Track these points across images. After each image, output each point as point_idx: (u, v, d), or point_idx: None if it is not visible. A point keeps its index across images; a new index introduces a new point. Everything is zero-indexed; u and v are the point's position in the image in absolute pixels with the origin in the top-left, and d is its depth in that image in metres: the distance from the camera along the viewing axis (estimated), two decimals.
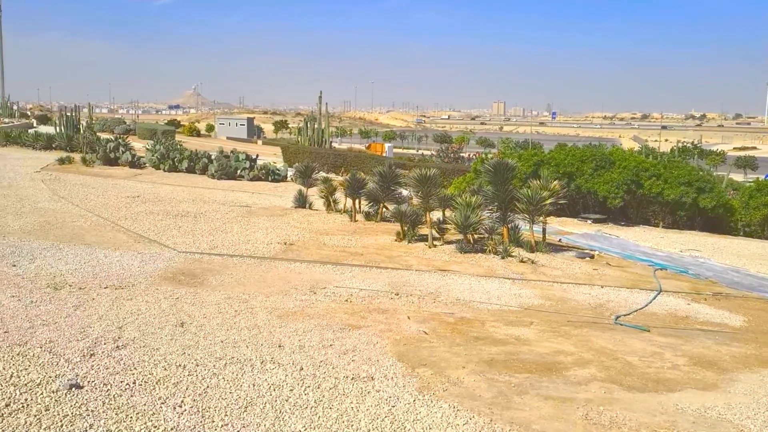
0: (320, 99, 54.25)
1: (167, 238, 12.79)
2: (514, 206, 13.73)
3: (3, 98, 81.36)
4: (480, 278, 11.08)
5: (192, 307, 8.33)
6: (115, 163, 27.93)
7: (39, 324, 7.23)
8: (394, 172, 16.35)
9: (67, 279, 9.29)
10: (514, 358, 7.25)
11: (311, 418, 5.46)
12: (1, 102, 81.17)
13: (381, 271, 11.25)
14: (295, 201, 18.34)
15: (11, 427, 4.87)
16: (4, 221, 13.40)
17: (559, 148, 25.06)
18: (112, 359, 6.39)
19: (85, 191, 19.17)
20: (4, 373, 5.82)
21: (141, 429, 5.04)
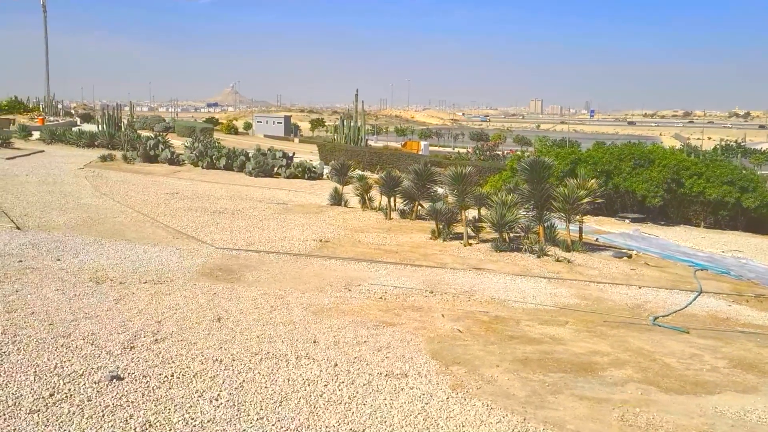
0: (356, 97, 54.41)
1: (205, 235, 12.97)
2: (550, 205, 13.65)
3: (48, 97, 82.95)
4: (515, 277, 11.05)
5: (229, 303, 8.45)
6: (155, 161, 28.35)
7: (82, 317, 7.40)
8: (429, 170, 16.36)
9: (109, 273, 9.48)
10: (549, 358, 7.23)
11: (345, 414, 5.51)
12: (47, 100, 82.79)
13: (415, 268, 11.28)
14: (330, 198, 18.45)
15: (55, 416, 5.00)
16: (49, 217, 13.71)
17: (597, 146, 24.84)
18: (151, 352, 6.51)
19: (126, 188, 19.50)
20: (49, 363, 5.98)
21: (179, 421, 5.14)
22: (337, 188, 18.82)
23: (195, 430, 5.03)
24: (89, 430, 4.87)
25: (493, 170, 32.18)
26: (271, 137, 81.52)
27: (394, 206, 16.79)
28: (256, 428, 5.14)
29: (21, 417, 4.95)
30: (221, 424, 5.16)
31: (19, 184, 18.13)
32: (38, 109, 79.14)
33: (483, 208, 15.00)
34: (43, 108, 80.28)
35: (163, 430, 4.98)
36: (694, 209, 22.26)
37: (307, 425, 5.25)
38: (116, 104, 50.80)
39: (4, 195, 15.92)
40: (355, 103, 54.41)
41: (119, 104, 52.78)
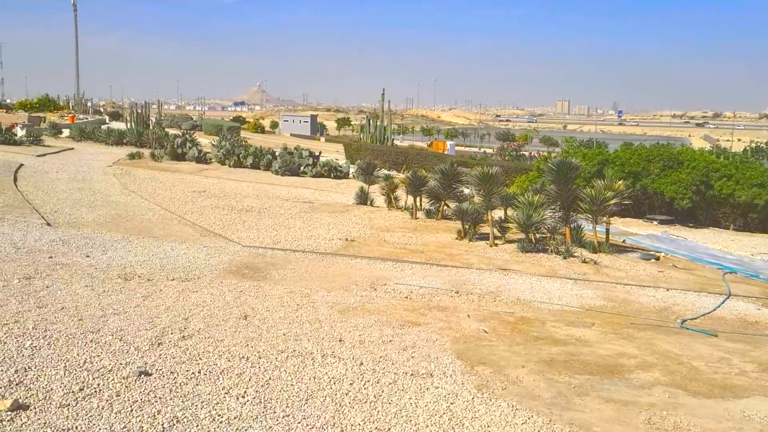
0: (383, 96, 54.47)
1: (232, 233, 13.06)
2: (577, 206, 13.56)
3: (78, 95, 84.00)
4: (541, 278, 10.99)
5: (255, 301, 8.50)
6: (182, 159, 28.60)
7: (110, 313, 7.49)
8: (455, 169, 16.32)
9: (137, 270, 9.59)
10: (575, 359, 7.19)
11: (370, 413, 5.52)
12: (76, 99, 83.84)
13: (441, 268, 11.27)
14: (356, 198, 18.49)
15: (85, 411, 5.08)
16: (78, 213, 13.89)
17: (624, 147, 24.66)
18: (179, 349, 6.58)
19: (154, 185, 19.70)
20: (78, 358, 6.06)
21: (205, 417, 5.18)
22: (363, 187, 18.85)
23: (222, 426, 5.07)
24: (118, 424, 4.93)
25: (519, 170, 32.04)
26: (298, 136, 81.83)
27: (420, 206, 16.78)
28: (282, 425, 5.17)
29: (51, 411, 5.02)
30: (247, 420, 5.19)
31: (49, 181, 18.39)
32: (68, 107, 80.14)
33: (509, 209, 14.94)
34: (72, 106, 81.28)
35: (190, 425, 5.03)
36: (723, 211, 21.99)
37: (332, 423, 5.27)
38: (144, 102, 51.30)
39: (35, 192, 16.16)
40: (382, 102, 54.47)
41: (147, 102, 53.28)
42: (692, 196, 20.98)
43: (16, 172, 19.34)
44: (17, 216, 12.74)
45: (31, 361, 5.90)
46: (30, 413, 4.94)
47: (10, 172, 18.83)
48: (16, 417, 4.86)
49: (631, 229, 18.36)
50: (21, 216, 12.79)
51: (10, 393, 5.21)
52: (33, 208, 13.80)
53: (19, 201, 14.50)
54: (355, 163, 29.30)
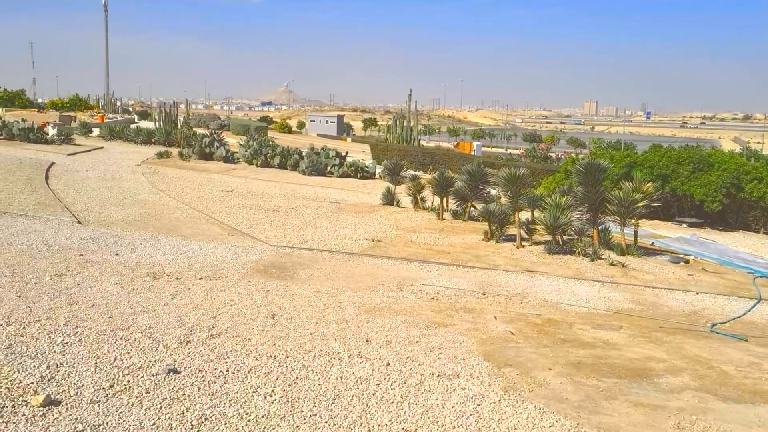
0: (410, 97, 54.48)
1: (259, 232, 13.14)
2: (604, 208, 13.46)
3: (107, 94, 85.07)
4: (568, 280, 10.92)
5: (282, 300, 8.54)
6: (210, 158, 28.82)
7: (140, 311, 7.57)
8: (482, 170, 16.28)
9: (165, 269, 9.68)
10: (603, 362, 7.13)
11: (397, 413, 5.53)
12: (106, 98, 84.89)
13: (468, 270, 11.24)
14: (383, 198, 18.50)
15: (115, 407, 5.14)
16: (108, 212, 14.06)
17: (653, 148, 24.40)
18: (207, 347, 6.63)
19: (182, 185, 19.88)
20: (109, 355, 6.14)
21: (233, 415, 5.22)
22: (389, 188, 18.86)
23: (249, 425, 5.10)
24: (147, 421, 4.99)
25: (546, 172, 31.85)
26: (324, 136, 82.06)
27: (446, 207, 16.76)
28: (310, 425, 5.19)
29: (82, 407, 5.09)
30: (275, 419, 5.22)
31: (79, 180, 18.63)
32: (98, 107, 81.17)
33: (536, 210, 14.87)
34: (102, 105, 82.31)
35: (219, 424, 5.07)
36: (753, 214, 21.68)
37: (359, 423, 5.29)
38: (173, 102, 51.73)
39: (66, 190, 16.38)
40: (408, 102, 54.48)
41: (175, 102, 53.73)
42: (722, 199, 20.71)
43: (48, 170, 19.62)
44: (49, 214, 12.92)
45: (63, 357, 5.99)
46: (61, 409, 5.02)
47: (42, 171, 19.11)
48: (48, 412, 4.93)
49: (659, 231, 18.17)
50: (52, 214, 12.98)
51: (42, 389, 5.29)
52: (64, 206, 13.99)
53: (50, 199, 14.71)
54: (381, 163, 29.32)
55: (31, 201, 14.06)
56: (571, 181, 18.67)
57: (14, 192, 14.89)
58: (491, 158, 51.49)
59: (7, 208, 12.98)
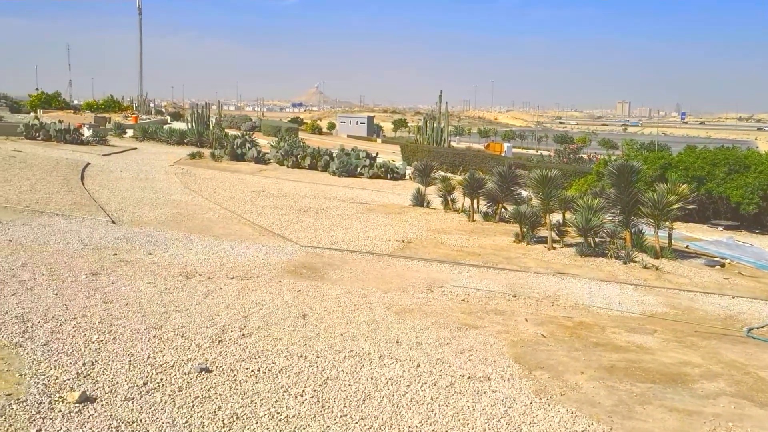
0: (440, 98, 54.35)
1: (290, 233, 13.21)
2: (638, 210, 13.30)
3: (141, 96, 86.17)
4: (600, 283, 10.81)
5: (313, 300, 8.57)
6: (242, 159, 29.04)
7: (172, 310, 7.65)
8: (513, 172, 16.19)
9: (197, 268, 9.77)
10: (636, 367, 7.04)
11: (427, 415, 5.51)
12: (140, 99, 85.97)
13: (498, 271, 11.18)
14: (413, 199, 18.48)
15: (148, 404, 5.20)
16: (141, 212, 14.24)
17: (688, 150, 24.07)
18: (238, 347, 6.68)
19: (214, 185, 20.06)
20: (142, 353, 6.21)
21: (264, 414, 5.25)
22: (419, 189, 18.84)
23: (280, 424, 5.13)
24: (180, 419, 5.03)
25: (577, 173, 31.58)
26: (354, 137, 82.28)
27: (477, 208, 16.70)
28: (340, 425, 5.20)
29: (117, 404, 5.16)
30: (305, 419, 5.24)
31: (114, 180, 18.88)
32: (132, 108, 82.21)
33: (567, 212, 14.74)
34: (136, 107, 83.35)
35: (250, 423, 5.10)
36: None
37: (389, 424, 5.28)
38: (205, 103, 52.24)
39: (100, 191, 16.61)
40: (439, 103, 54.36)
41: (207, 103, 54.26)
42: (759, 202, 20.36)
43: (83, 170, 19.93)
44: (84, 214, 13.12)
45: (98, 354, 6.07)
46: (97, 405, 5.08)
47: (78, 171, 19.41)
48: (84, 409, 5.00)
49: (695, 234, 17.91)
50: (88, 214, 13.17)
51: (78, 385, 5.37)
52: (99, 206, 14.19)
53: (86, 199, 14.93)
54: (411, 164, 29.29)
55: (67, 201, 14.28)
56: (603, 182, 18.51)
57: (51, 192, 15.14)
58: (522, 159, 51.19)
59: (45, 207, 13.20)
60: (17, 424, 4.69)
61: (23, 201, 13.54)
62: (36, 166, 19.25)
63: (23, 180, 16.35)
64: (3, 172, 17.17)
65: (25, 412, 4.85)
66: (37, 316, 6.87)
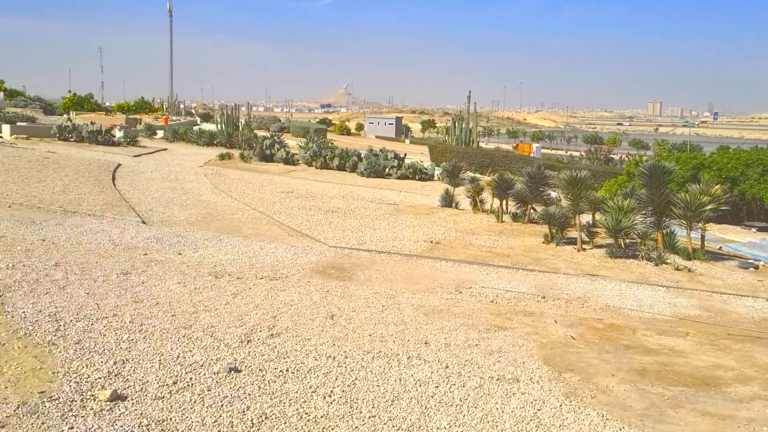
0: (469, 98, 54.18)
1: (318, 233, 13.24)
2: (669, 211, 13.13)
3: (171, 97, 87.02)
4: (631, 284, 10.68)
5: (341, 301, 8.58)
6: (271, 160, 29.18)
7: (201, 309, 7.70)
8: (542, 173, 16.06)
9: (227, 268, 9.83)
10: (668, 370, 6.94)
11: (456, 416, 5.49)
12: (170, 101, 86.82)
13: (527, 273, 11.10)
14: (441, 200, 18.43)
15: (178, 404, 5.23)
16: (171, 212, 14.37)
17: (721, 150, 23.71)
18: (267, 347, 6.70)
19: (243, 186, 20.18)
20: (172, 353, 6.26)
21: (293, 415, 5.26)
22: (448, 190, 18.78)
23: (309, 424, 5.13)
24: (209, 418, 5.06)
25: (607, 174, 31.27)
26: (382, 138, 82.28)
27: (505, 209, 16.60)
28: (368, 426, 5.19)
29: (147, 402, 5.20)
30: (334, 420, 5.24)
31: (144, 181, 19.09)
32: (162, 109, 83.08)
33: (597, 213, 14.60)
34: (166, 108, 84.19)
35: (278, 423, 5.11)
36: None
37: (418, 426, 5.26)
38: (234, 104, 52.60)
39: (131, 191, 16.80)
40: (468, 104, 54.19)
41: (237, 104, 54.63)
42: None
43: (115, 171, 20.17)
44: (115, 214, 13.27)
45: (129, 353, 6.13)
46: (127, 404, 5.13)
47: (109, 172, 19.65)
48: (115, 407, 5.05)
49: (728, 236, 17.62)
50: (119, 214, 13.32)
51: (109, 383, 5.43)
52: (129, 207, 14.35)
53: (117, 199, 15.10)
54: (439, 165, 29.21)
55: (99, 201, 14.46)
56: (634, 183, 18.30)
57: (83, 192, 15.34)
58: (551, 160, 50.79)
59: (77, 207, 13.38)
60: (50, 421, 4.75)
61: (56, 201, 13.74)
62: (69, 167, 19.52)
63: (56, 181, 16.59)
64: (37, 173, 17.44)
65: (57, 410, 4.91)
66: (70, 315, 6.96)
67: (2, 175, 16.38)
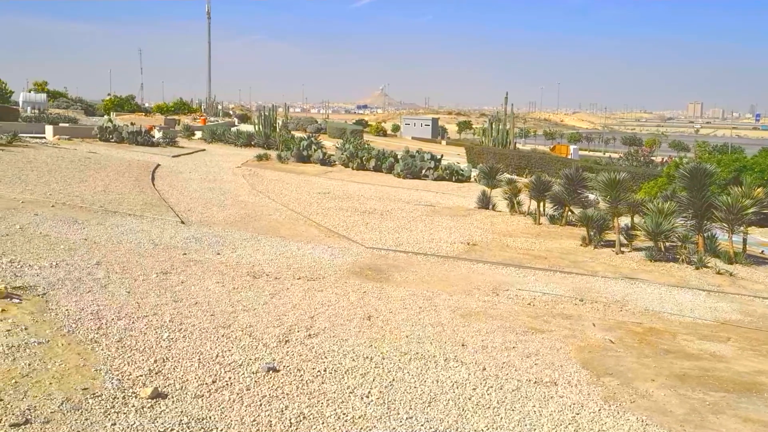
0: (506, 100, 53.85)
1: (355, 234, 13.28)
2: (711, 214, 12.92)
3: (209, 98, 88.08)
4: (671, 288, 10.53)
5: (378, 302, 8.60)
6: (307, 161, 29.36)
7: (240, 309, 7.77)
8: (580, 174, 15.92)
9: (264, 268, 9.91)
10: (709, 375, 6.84)
11: (493, 419, 5.47)
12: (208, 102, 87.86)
13: (565, 275, 11.01)
14: (478, 201, 18.35)
15: (217, 402, 5.30)
16: (210, 212, 14.53)
17: (764, 152, 23.24)
18: (305, 347, 6.74)
19: (280, 187, 20.33)
20: (211, 352, 6.33)
21: (331, 415, 5.28)
22: (485, 191, 18.70)
23: (346, 425, 5.16)
24: (248, 417, 5.11)
25: (646, 176, 30.86)
26: (419, 139, 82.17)
27: (543, 211, 16.47)
28: (406, 427, 5.20)
29: (187, 401, 5.27)
30: (371, 420, 5.26)
31: (183, 181, 19.33)
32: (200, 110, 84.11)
33: (636, 216, 14.42)
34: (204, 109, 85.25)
35: (316, 422, 5.15)
36: None
37: (455, 428, 5.26)
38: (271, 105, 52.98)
39: (170, 191, 17.03)
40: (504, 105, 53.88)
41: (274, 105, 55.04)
42: None
43: (154, 171, 20.46)
44: (155, 214, 13.46)
45: (169, 352, 6.22)
46: (168, 401, 5.21)
47: (149, 172, 19.94)
48: (156, 405, 5.13)
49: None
50: (158, 214, 13.51)
51: (150, 381, 5.51)
52: (169, 207, 14.54)
53: (156, 199, 15.32)
54: (476, 166, 29.10)
55: (138, 201, 14.68)
56: (674, 186, 18.03)
57: (124, 192, 15.59)
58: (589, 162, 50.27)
59: (118, 207, 13.60)
60: (93, 417, 4.84)
61: (98, 201, 13.98)
62: (109, 168, 19.86)
63: (98, 181, 16.88)
64: (79, 173, 17.77)
65: (100, 407, 5.00)
66: (111, 313, 7.08)
67: (46, 175, 16.72)
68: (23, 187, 14.45)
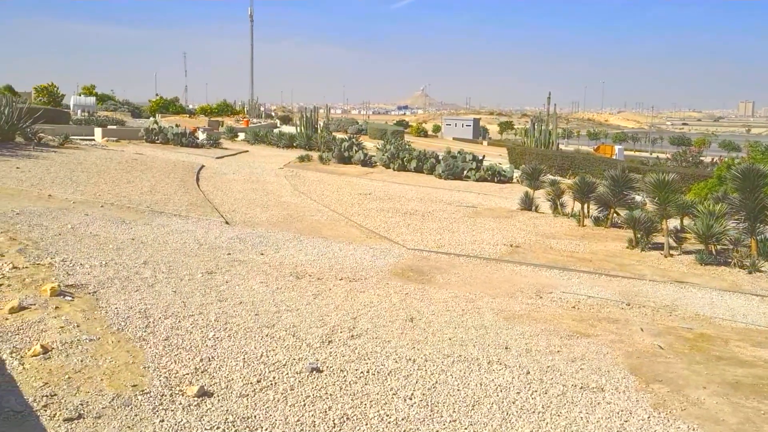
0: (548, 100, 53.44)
1: (396, 235, 13.25)
2: (764, 216, 12.59)
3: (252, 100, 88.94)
4: (723, 293, 10.29)
5: (420, 303, 8.55)
6: (349, 162, 29.44)
7: (284, 309, 7.80)
8: (626, 176, 15.67)
9: (307, 269, 9.94)
10: (764, 383, 6.64)
11: (538, 424, 5.38)
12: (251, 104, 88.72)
13: (610, 278, 10.83)
14: (520, 203, 18.18)
15: (262, 402, 5.31)
16: (253, 213, 14.65)
17: None
18: (348, 348, 6.73)
19: (322, 187, 20.41)
20: (256, 351, 6.36)
21: (374, 416, 5.26)
22: (527, 192, 18.52)
23: (390, 426, 5.13)
24: (292, 417, 5.12)
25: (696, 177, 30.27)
26: (460, 140, 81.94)
27: (587, 213, 16.25)
28: (449, 430, 5.15)
29: (232, 399, 5.30)
30: (415, 423, 5.22)
31: (227, 182, 19.53)
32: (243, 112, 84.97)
33: (685, 218, 14.12)
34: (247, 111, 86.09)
35: (360, 424, 5.12)
36: None
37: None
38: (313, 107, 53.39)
39: (214, 192, 17.21)
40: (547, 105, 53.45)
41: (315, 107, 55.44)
42: None
43: (198, 172, 20.71)
44: (200, 214, 13.61)
45: (214, 351, 6.26)
46: (213, 400, 5.24)
47: (193, 173, 20.18)
48: (202, 403, 5.16)
49: None
50: (203, 214, 13.66)
51: (196, 380, 5.55)
52: (213, 207, 14.70)
53: (201, 200, 15.49)
54: (518, 167, 28.87)
55: (184, 201, 14.86)
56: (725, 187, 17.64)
57: (169, 193, 15.80)
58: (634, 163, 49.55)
59: (164, 208, 13.78)
60: (142, 414, 4.90)
61: (144, 202, 14.19)
62: (155, 169, 20.16)
63: (144, 182, 17.14)
64: (126, 174, 18.06)
65: (149, 403, 5.05)
66: (158, 312, 7.16)
67: (95, 176, 17.03)
68: (74, 188, 14.73)
